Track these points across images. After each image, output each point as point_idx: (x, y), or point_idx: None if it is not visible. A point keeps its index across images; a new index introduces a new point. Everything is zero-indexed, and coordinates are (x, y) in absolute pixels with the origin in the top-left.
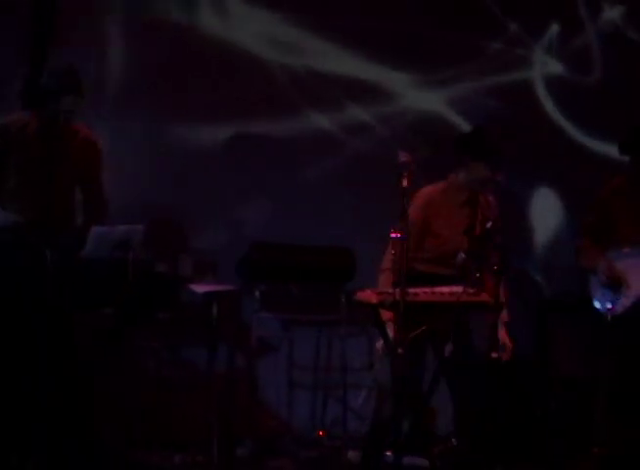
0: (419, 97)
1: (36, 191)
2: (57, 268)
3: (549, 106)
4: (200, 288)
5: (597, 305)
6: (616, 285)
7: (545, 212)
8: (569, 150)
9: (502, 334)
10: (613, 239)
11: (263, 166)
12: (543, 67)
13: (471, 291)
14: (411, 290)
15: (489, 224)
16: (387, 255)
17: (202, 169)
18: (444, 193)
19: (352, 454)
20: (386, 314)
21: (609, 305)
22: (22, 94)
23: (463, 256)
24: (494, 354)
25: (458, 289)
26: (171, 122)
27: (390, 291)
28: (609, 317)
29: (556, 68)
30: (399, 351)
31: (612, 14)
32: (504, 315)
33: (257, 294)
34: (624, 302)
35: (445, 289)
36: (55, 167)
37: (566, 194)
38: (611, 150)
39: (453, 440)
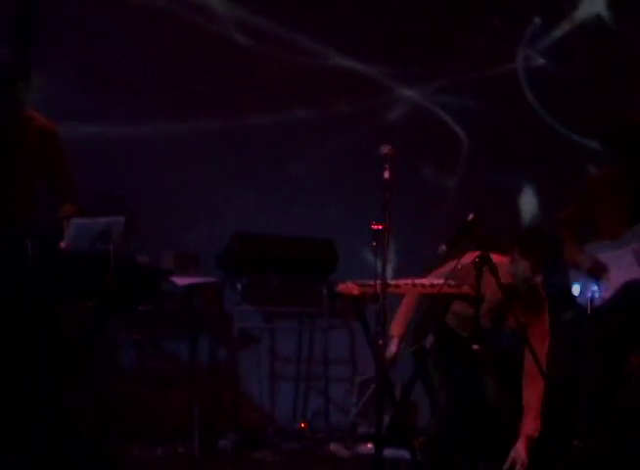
0: (403, 91)
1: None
2: (38, 259)
3: (531, 98)
4: (181, 280)
5: (578, 298)
6: (598, 277)
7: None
8: (550, 142)
9: (519, 446)
10: (593, 232)
11: (246, 158)
12: (525, 60)
13: (452, 283)
14: (392, 281)
15: (471, 216)
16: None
17: (183, 162)
18: (499, 267)
19: (334, 446)
20: (394, 330)
21: (589, 299)
22: None
23: (444, 247)
24: (475, 347)
25: (439, 280)
26: (154, 114)
27: (372, 283)
28: (588, 310)
29: (538, 61)
30: (380, 342)
31: (594, 5)
32: (528, 427)
33: (239, 286)
34: (604, 294)
35: (426, 281)
36: (10, 159)
37: (545, 185)
38: (591, 142)
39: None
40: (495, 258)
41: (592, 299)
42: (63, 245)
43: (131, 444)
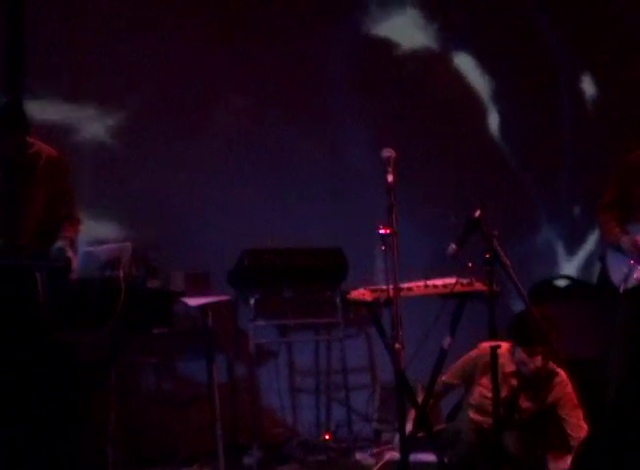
0: None
1: (7, 220)
2: (48, 291)
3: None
4: (193, 301)
5: (612, 278)
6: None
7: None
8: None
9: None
10: (634, 213)
11: (249, 170)
12: None
13: (464, 281)
14: (405, 285)
15: (477, 213)
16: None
17: (186, 179)
18: (500, 357)
19: (360, 455)
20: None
21: (622, 280)
22: None
23: (454, 247)
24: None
25: (451, 280)
26: (154, 127)
27: (384, 287)
28: (621, 290)
29: None
30: (397, 346)
31: None
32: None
33: (252, 302)
34: (638, 275)
35: (439, 281)
36: (22, 194)
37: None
38: None
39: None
40: (503, 347)
41: (626, 278)
42: (73, 275)
43: (156, 467)
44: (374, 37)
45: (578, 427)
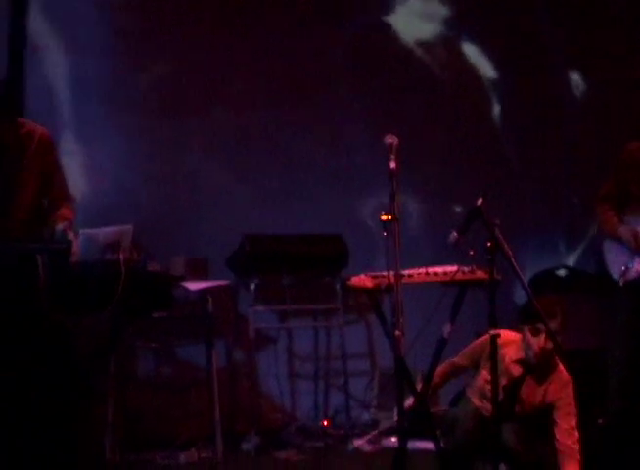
0: None
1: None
2: (49, 274)
3: None
4: (193, 285)
5: (611, 271)
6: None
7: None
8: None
9: None
10: (631, 205)
11: (249, 157)
12: None
13: (465, 269)
14: (406, 271)
15: (479, 201)
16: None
17: (188, 165)
18: (506, 345)
19: (358, 442)
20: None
21: (621, 273)
22: None
23: (455, 234)
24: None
25: (452, 268)
26: (152, 117)
27: (385, 274)
28: (621, 283)
29: None
30: (397, 333)
31: None
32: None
33: (252, 287)
34: (638, 267)
35: (440, 269)
36: (17, 176)
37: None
38: None
39: None
40: (508, 334)
41: (625, 271)
42: (73, 258)
43: (153, 452)
44: (373, 33)
45: (568, 433)
